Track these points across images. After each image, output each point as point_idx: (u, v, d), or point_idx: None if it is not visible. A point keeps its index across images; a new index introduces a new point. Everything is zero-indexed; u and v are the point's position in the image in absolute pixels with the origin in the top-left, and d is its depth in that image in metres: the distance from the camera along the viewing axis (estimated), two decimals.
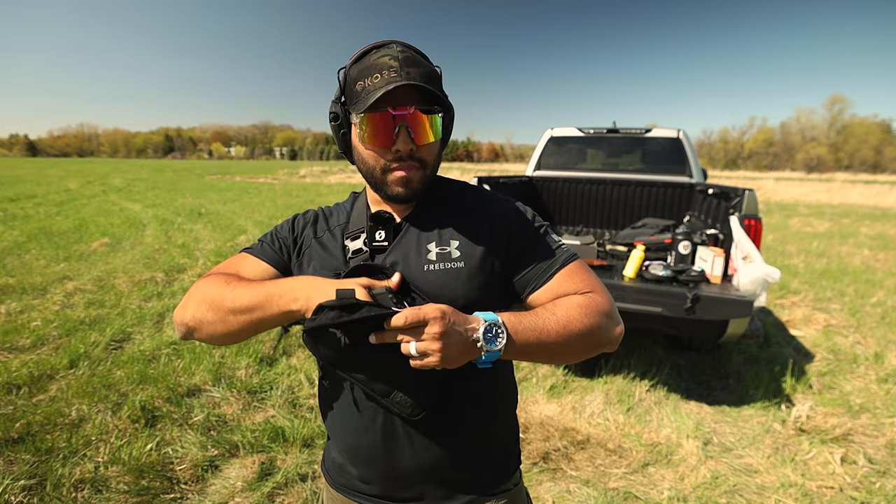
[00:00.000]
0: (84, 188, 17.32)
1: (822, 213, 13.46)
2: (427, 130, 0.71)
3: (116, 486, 1.93)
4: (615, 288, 2.56)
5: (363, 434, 0.77)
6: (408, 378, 0.69)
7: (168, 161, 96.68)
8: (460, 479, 0.79)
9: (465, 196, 0.82)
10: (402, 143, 0.69)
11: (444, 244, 0.75)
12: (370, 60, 0.69)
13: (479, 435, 0.80)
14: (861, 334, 3.88)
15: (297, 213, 0.87)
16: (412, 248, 0.75)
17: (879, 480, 2.10)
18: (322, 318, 0.60)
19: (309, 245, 0.81)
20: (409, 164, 0.72)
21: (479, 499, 0.80)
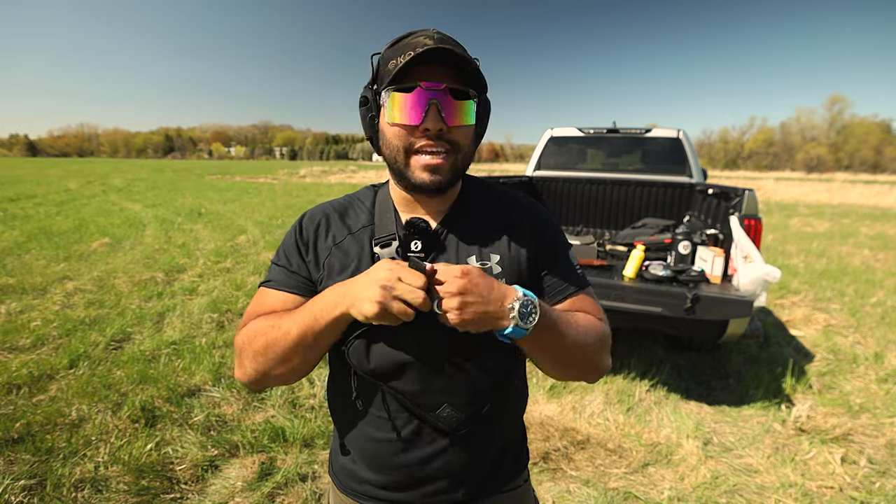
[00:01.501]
0: (84, 188, 17.32)
1: (822, 213, 13.46)
2: (461, 110, 0.66)
3: (116, 486, 1.93)
4: (615, 288, 2.56)
5: (388, 443, 0.74)
6: (458, 392, 0.69)
7: (168, 161, 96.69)
8: (480, 480, 0.78)
9: (502, 202, 0.79)
10: (432, 121, 0.64)
11: (485, 258, 0.72)
12: (405, 41, 0.66)
13: (503, 438, 0.80)
14: (861, 334, 3.88)
15: (300, 218, 0.78)
16: (452, 260, 0.72)
17: (879, 480, 2.10)
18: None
19: (328, 253, 0.74)
20: (439, 146, 0.66)
21: (494, 497, 0.80)
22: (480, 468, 0.77)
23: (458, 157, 0.69)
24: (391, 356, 0.68)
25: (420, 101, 0.63)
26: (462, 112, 0.66)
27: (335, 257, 0.73)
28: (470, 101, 0.67)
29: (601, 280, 2.61)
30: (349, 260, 0.72)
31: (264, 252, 6.57)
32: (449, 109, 0.65)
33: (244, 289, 4.75)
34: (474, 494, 0.78)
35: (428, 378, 0.69)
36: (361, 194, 0.81)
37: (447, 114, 0.64)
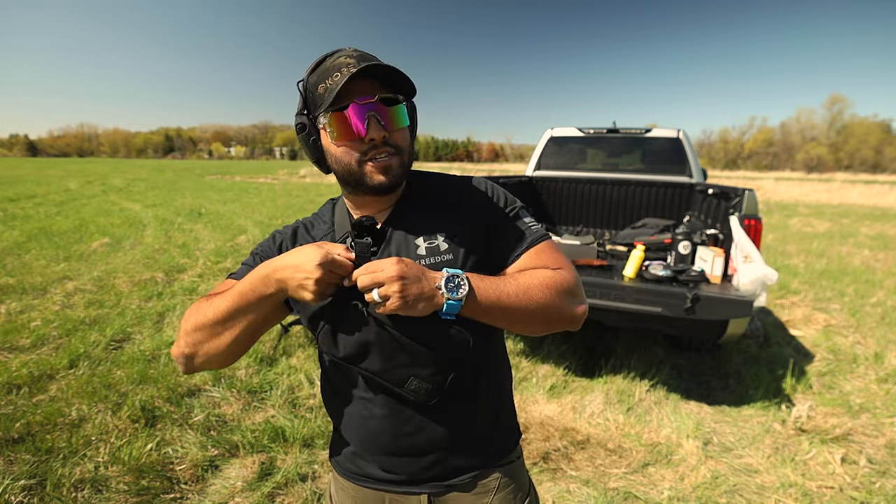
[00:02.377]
0: (84, 188, 17.32)
1: (821, 213, 13.46)
2: (395, 116, 0.72)
3: (116, 486, 1.93)
4: (615, 288, 2.56)
5: (376, 425, 0.79)
6: (421, 365, 0.74)
7: (168, 161, 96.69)
8: (469, 454, 0.82)
9: (440, 187, 0.84)
10: (375, 131, 0.70)
11: (431, 238, 0.78)
12: (326, 64, 0.71)
13: (485, 411, 0.84)
14: (861, 334, 3.88)
15: (276, 230, 0.87)
16: (401, 245, 0.78)
17: (879, 480, 2.10)
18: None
19: None
20: (385, 151, 0.72)
21: (486, 470, 0.84)
22: (467, 441, 0.81)
23: (403, 157, 0.75)
24: (354, 340, 0.74)
25: (359, 116, 0.69)
26: (396, 117, 0.72)
27: None
28: (400, 105, 0.73)
29: (601, 280, 2.61)
30: None
31: None
32: (385, 117, 0.70)
33: None
34: (465, 468, 0.82)
35: (391, 355, 0.74)
36: (323, 209, 0.88)
37: (385, 122, 0.70)
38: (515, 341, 3.57)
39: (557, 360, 3.29)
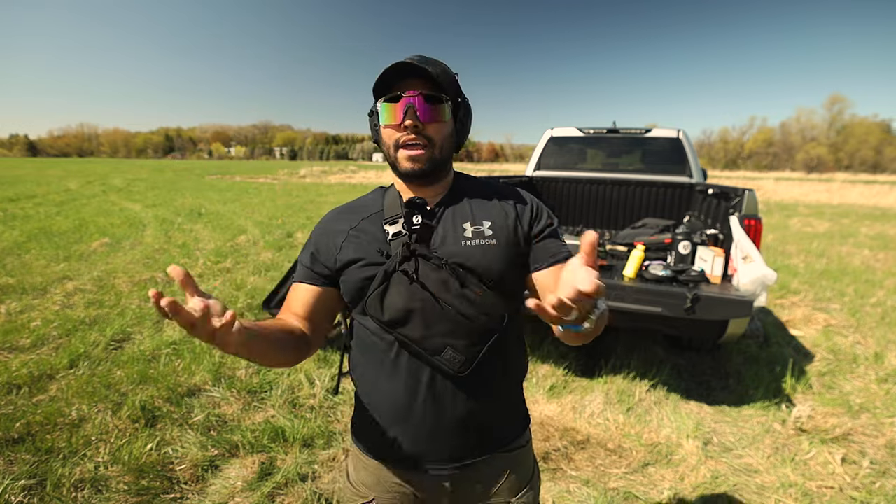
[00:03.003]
0: (84, 188, 17.32)
1: (821, 213, 13.46)
2: (431, 111, 0.80)
3: (116, 486, 1.93)
4: (615, 288, 2.56)
5: (406, 396, 0.84)
6: (458, 336, 0.80)
7: (168, 161, 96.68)
8: (486, 435, 0.88)
9: (493, 187, 0.94)
10: (409, 119, 0.79)
11: (478, 224, 0.86)
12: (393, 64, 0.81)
13: (504, 392, 0.90)
14: (861, 334, 3.88)
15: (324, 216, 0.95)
16: (449, 227, 0.85)
17: (879, 480, 2.10)
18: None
19: (345, 237, 0.88)
20: (416, 140, 0.81)
21: (497, 454, 0.90)
22: (485, 418, 0.87)
23: (435, 150, 0.83)
24: (401, 306, 0.80)
25: (401, 106, 0.80)
26: (434, 111, 0.81)
27: (351, 238, 0.87)
28: (443, 103, 0.82)
29: (601, 280, 2.61)
30: (365, 236, 0.87)
31: (264, 252, 6.57)
32: (424, 110, 0.80)
33: (244, 289, 4.75)
34: (482, 447, 0.88)
35: (431, 323, 0.80)
36: (374, 192, 0.96)
37: (421, 113, 0.80)
38: None
39: (557, 360, 3.29)
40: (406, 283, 0.80)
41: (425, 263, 0.80)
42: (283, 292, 3.52)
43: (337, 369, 2.89)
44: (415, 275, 0.79)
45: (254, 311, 4.09)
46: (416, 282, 0.80)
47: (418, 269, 0.80)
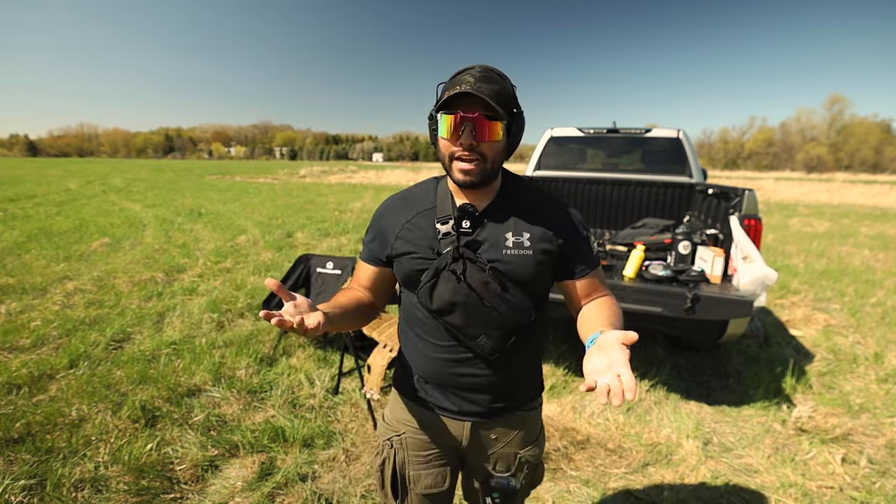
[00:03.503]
0: (84, 188, 17.32)
1: (821, 213, 13.47)
2: (488, 131, 0.88)
3: (116, 486, 1.93)
4: (615, 288, 2.56)
5: (442, 365, 1.02)
6: (493, 327, 0.96)
7: (168, 161, 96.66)
8: (507, 397, 1.05)
9: (535, 196, 1.03)
10: (465, 138, 0.88)
11: (518, 234, 0.97)
12: (456, 77, 0.91)
13: (525, 367, 1.06)
14: (861, 334, 3.88)
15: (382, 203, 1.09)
16: (493, 235, 0.97)
17: (879, 480, 2.10)
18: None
19: (400, 228, 1.01)
20: (471, 157, 0.90)
21: (513, 413, 1.07)
22: (507, 387, 1.04)
23: (487, 165, 0.92)
24: (447, 299, 0.94)
25: (458, 123, 0.88)
26: (490, 132, 0.88)
27: (405, 231, 1.00)
28: (500, 121, 0.89)
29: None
30: (418, 231, 0.99)
31: (264, 252, 6.57)
32: (480, 130, 0.88)
33: (244, 289, 4.75)
34: (501, 407, 1.05)
35: (471, 316, 0.95)
36: (427, 184, 1.07)
37: (478, 133, 0.88)
38: None
39: (557, 360, 3.29)
40: (454, 280, 0.93)
41: (471, 265, 0.93)
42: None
43: (337, 369, 2.90)
44: (462, 276, 0.93)
45: (253, 312, 4.09)
46: (462, 281, 0.93)
47: (466, 270, 0.93)
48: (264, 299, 3.45)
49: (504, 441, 1.08)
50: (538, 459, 1.13)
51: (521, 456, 1.09)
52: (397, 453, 1.09)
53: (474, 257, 0.94)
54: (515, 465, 1.09)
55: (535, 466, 1.12)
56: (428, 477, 1.08)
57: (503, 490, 1.09)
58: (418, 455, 1.08)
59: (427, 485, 1.08)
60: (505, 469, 1.09)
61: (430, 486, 1.08)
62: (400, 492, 1.08)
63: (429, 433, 1.08)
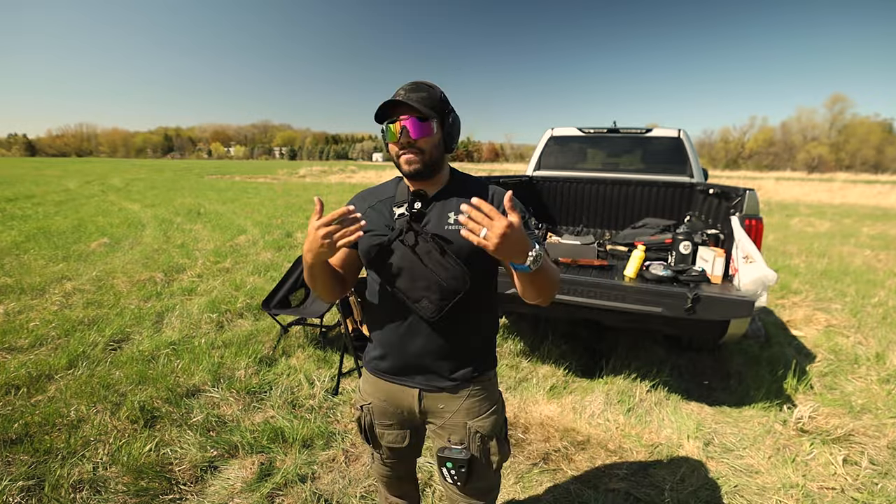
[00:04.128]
0: (83, 188, 17.32)
1: (823, 213, 13.46)
2: (420, 129, 1.07)
3: (115, 487, 1.92)
4: (616, 288, 2.55)
5: (395, 330, 1.17)
6: (432, 291, 1.09)
7: (167, 161, 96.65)
8: (453, 367, 1.17)
9: (478, 186, 1.21)
10: (404, 138, 1.08)
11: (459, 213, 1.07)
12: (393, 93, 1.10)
13: (470, 340, 1.19)
14: (862, 334, 3.87)
15: (354, 196, 1.27)
16: (437, 214, 1.14)
17: (881, 481, 2.09)
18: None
19: (366, 212, 1.18)
20: (410, 151, 1.09)
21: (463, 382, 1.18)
22: (453, 357, 1.17)
23: (426, 157, 1.10)
24: (397, 264, 1.11)
25: (397, 127, 1.08)
26: (424, 129, 1.07)
27: (368, 215, 1.17)
28: (430, 121, 1.08)
29: (601, 280, 2.60)
30: (378, 214, 1.17)
31: (263, 252, 6.56)
32: (414, 129, 1.07)
33: (243, 289, 4.74)
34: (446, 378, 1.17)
35: (414, 279, 1.10)
36: (390, 181, 1.26)
37: (413, 132, 1.07)
38: (515, 341, 3.56)
39: (558, 360, 3.28)
40: (403, 249, 1.10)
41: (417, 236, 1.10)
42: (283, 292, 3.51)
43: (337, 370, 2.89)
44: (413, 245, 1.09)
45: (253, 312, 4.08)
46: (409, 248, 1.09)
47: (416, 239, 1.10)
48: (264, 299, 3.44)
49: (451, 411, 1.19)
50: (493, 432, 1.20)
51: (470, 426, 1.18)
52: (366, 416, 1.29)
53: (419, 229, 1.10)
54: (467, 436, 1.18)
55: (489, 439, 1.19)
56: (390, 436, 1.28)
57: (455, 460, 1.17)
58: (382, 421, 1.27)
59: (390, 440, 1.29)
60: (458, 441, 1.19)
61: (391, 442, 1.29)
62: (371, 439, 1.31)
63: (388, 402, 1.24)
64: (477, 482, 1.21)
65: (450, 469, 1.19)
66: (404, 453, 1.32)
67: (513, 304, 3.05)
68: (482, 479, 1.21)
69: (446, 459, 1.18)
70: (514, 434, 2.41)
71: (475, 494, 1.23)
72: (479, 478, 1.21)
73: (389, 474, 1.39)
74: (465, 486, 1.21)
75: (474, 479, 1.20)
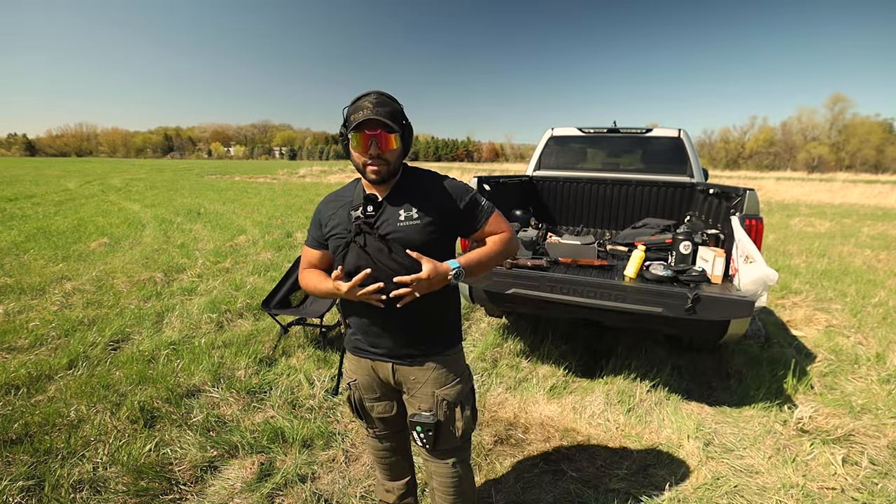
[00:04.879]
0: (83, 188, 17.32)
1: (823, 213, 13.46)
2: (388, 142, 1.23)
3: (115, 487, 1.92)
4: (616, 288, 2.55)
5: (365, 315, 1.35)
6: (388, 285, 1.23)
7: (167, 161, 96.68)
8: (417, 344, 1.35)
9: (425, 181, 1.36)
10: (373, 150, 1.23)
11: (409, 210, 1.30)
12: (357, 104, 1.23)
13: (430, 320, 1.36)
14: (862, 335, 3.87)
15: (320, 201, 1.44)
16: (389, 214, 1.29)
17: (881, 481, 2.09)
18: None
19: (328, 217, 1.37)
20: (377, 162, 1.25)
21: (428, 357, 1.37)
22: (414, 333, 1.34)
23: (389, 166, 1.27)
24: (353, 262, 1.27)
25: (366, 139, 1.22)
26: (389, 142, 1.23)
27: (332, 218, 1.36)
28: (396, 133, 1.24)
29: (601, 280, 2.60)
30: (339, 217, 1.34)
31: (263, 252, 6.56)
32: (382, 142, 1.22)
33: (243, 289, 4.74)
34: (414, 353, 1.36)
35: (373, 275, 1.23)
36: (351, 184, 1.42)
37: (381, 144, 1.22)
38: (516, 341, 3.56)
39: (558, 360, 3.28)
40: (357, 249, 1.26)
41: (370, 237, 1.25)
42: (283, 292, 3.51)
43: (336, 370, 2.89)
44: (364, 245, 1.25)
45: (253, 312, 4.08)
46: (362, 248, 1.25)
47: (366, 240, 1.25)
48: (264, 299, 3.44)
49: (421, 381, 1.36)
50: (458, 399, 1.37)
51: (437, 394, 1.36)
52: (354, 392, 1.46)
53: (371, 231, 1.25)
54: (435, 403, 1.36)
55: (454, 405, 1.37)
56: (378, 406, 1.47)
57: (423, 424, 1.36)
58: (368, 394, 1.45)
59: (379, 412, 1.47)
60: (427, 408, 1.37)
61: (381, 413, 1.47)
62: (363, 414, 1.49)
63: (370, 376, 1.43)
64: (444, 444, 1.40)
65: (419, 432, 1.37)
66: (394, 422, 1.50)
67: (513, 304, 3.05)
68: (449, 441, 1.40)
69: (416, 423, 1.37)
70: (515, 434, 2.41)
71: (443, 455, 1.43)
72: (446, 441, 1.39)
73: (384, 448, 1.55)
74: (433, 448, 1.40)
75: (442, 441, 1.39)
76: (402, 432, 1.56)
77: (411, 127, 1.31)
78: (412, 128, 1.32)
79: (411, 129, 1.31)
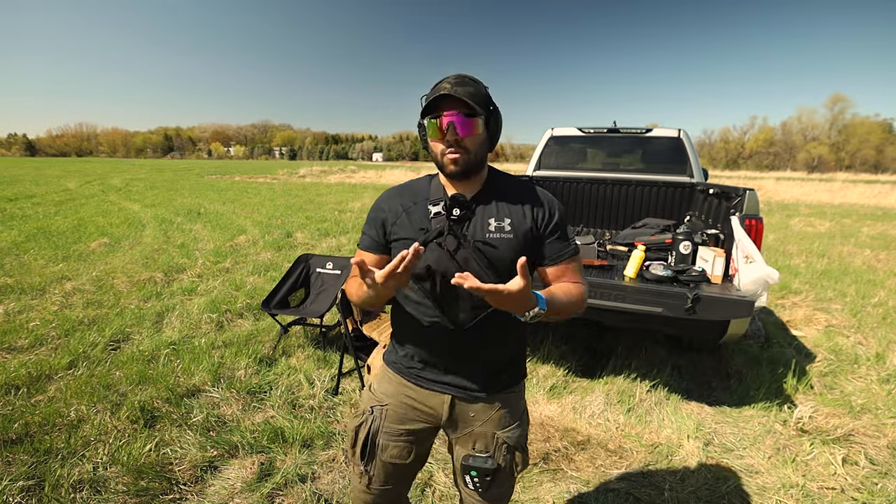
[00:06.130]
0: (83, 188, 17.31)
1: (823, 213, 13.45)
2: (469, 127, 1.02)
3: (115, 487, 1.92)
4: (616, 288, 2.55)
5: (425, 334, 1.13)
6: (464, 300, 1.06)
7: (167, 161, 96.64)
8: (482, 376, 1.15)
9: (519, 188, 1.14)
10: (450, 135, 1.02)
11: (500, 220, 1.09)
12: (436, 87, 1.05)
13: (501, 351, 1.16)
14: (862, 334, 3.87)
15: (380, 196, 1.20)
16: (478, 220, 1.09)
17: (881, 481, 2.09)
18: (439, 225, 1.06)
19: (397, 217, 1.13)
20: (456, 150, 1.03)
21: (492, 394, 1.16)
22: (484, 365, 1.14)
23: (471, 156, 1.05)
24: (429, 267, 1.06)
25: (444, 124, 1.02)
26: (470, 127, 1.02)
27: (403, 217, 1.12)
28: (476, 119, 1.02)
29: (602, 280, 2.60)
30: (413, 216, 1.11)
31: (263, 252, 6.56)
32: (461, 126, 1.01)
33: (243, 289, 4.74)
34: (479, 386, 1.15)
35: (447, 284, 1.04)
36: (422, 179, 1.19)
37: (460, 130, 1.01)
38: None
39: (558, 360, 3.28)
40: (439, 251, 1.05)
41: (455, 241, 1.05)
42: (283, 292, 3.51)
43: (336, 370, 2.89)
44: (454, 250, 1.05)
45: (253, 312, 4.08)
46: (447, 251, 1.05)
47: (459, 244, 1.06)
48: (264, 299, 3.44)
49: (482, 420, 1.16)
50: (518, 443, 1.19)
51: (498, 436, 1.16)
52: (375, 421, 1.19)
53: (460, 234, 1.06)
54: (494, 445, 1.16)
55: (514, 449, 1.18)
56: (395, 448, 1.18)
57: (480, 469, 1.15)
58: (393, 426, 1.18)
59: (392, 455, 1.18)
60: (483, 449, 1.16)
61: (394, 457, 1.18)
62: (368, 455, 1.19)
63: (410, 406, 1.18)
64: (497, 489, 1.20)
65: (474, 477, 1.17)
66: (401, 474, 1.23)
67: None
68: (502, 486, 1.21)
69: (471, 468, 1.16)
70: None
71: (494, 500, 1.22)
72: (500, 485, 1.20)
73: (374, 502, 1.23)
74: (486, 493, 1.19)
75: (495, 486, 1.19)
76: (406, 486, 1.29)
77: (499, 114, 1.09)
78: (500, 116, 1.09)
79: (499, 116, 1.09)
